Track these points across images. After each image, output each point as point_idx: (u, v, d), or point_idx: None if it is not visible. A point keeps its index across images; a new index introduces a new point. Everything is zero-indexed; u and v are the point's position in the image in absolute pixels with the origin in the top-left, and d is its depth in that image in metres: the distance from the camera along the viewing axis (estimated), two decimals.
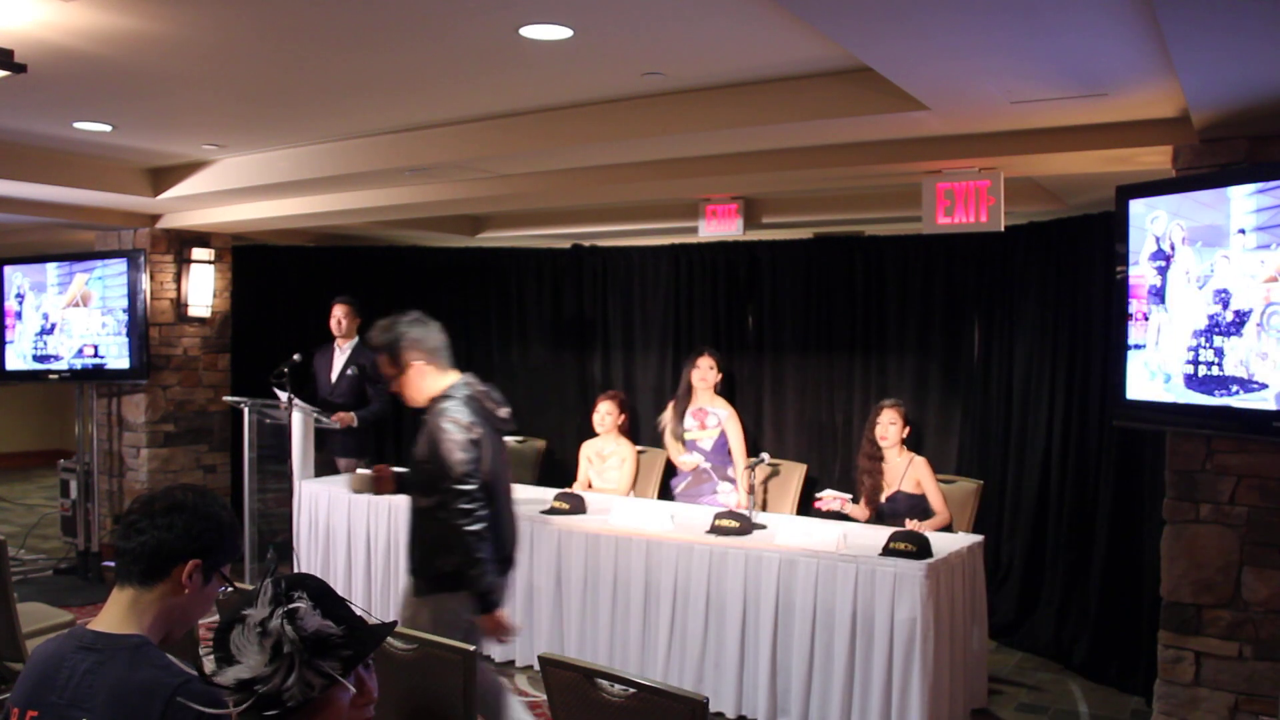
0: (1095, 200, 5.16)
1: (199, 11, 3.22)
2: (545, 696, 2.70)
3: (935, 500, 5.04)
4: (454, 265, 7.91)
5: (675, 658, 4.54)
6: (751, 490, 5.18)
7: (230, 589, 2.02)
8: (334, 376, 6.43)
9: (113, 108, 4.57)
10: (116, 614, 1.87)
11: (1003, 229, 4.56)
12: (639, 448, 6.21)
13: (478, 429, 3.41)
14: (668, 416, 5.88)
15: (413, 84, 4.11)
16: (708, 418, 5.42)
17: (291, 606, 1.67)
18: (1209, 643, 3.77)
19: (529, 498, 5.42)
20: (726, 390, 6.84)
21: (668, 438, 5.87)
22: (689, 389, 5.79)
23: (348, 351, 6.43)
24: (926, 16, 2.74)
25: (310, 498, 5.89)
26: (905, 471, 5.11)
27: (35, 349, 7.09)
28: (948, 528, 4.91)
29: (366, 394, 6.36)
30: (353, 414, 6.19)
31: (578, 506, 5.11)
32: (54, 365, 7.03)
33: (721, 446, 5.68)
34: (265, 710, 1.62)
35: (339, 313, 6.42)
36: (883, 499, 5.10)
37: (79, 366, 6.96)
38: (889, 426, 5.14)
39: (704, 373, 5.75)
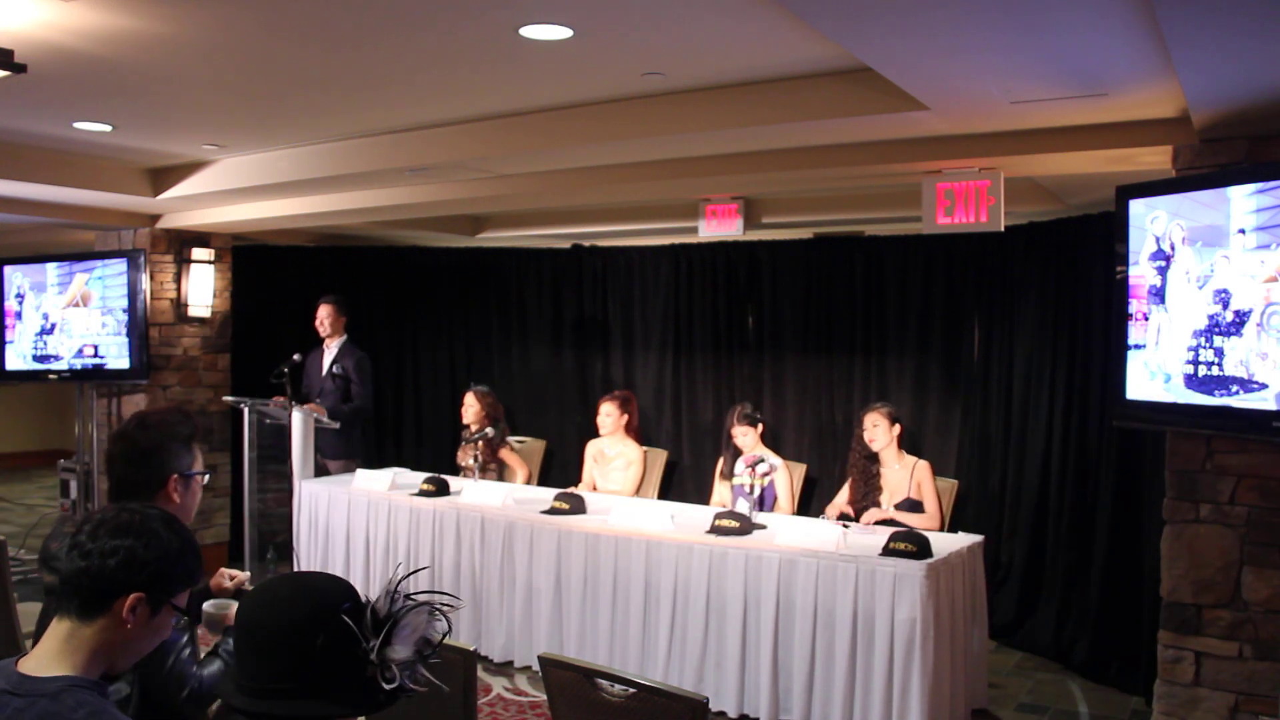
0: (1095, 200, 5.16)
1: (199, 11, 3.22)
2: (545, 696, 2.70)
3: (928, 501, 5.02)
4: (454, 265, 7.91)
5: (676, 657, 4.54)
6: (752, 490, 5.17)
7: (183, 620, 1.89)
8: (321, 375, 6.43)
9: (113, 108, 4.56)
10: (50, 649, 1.74)
11: (1003, 229, 4.56)
12: (643, 448, 6.20)
13: None
14: (719, 468, 5.75)
15: (413, 84, 4.11)
16: (759, 464, 5.27)
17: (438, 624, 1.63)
18: (1209, 643, 3.77)
19: (529, 497, 5.43)
20: (728, 388, 6.85)
21: (716, 485, 5.72)
22: (734, 445, 5.58)
23: (334, 350, 6.44)
24: (926, 16, 2.74)
25: (310, 498, 5.90)
26: (911, 478, 5.06)
27: (35, 349, 7.09)
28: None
29: (351, 392, 6.36)
30: (321, 407, 6.13)
31: (577, 506, 5.10)
32: (54, 365, 7.03)
33: (770, 497, 5.39)
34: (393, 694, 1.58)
35: (323, 313, 6.41)
36: (892, 507, 5.04)
37: (79, 366, 6.96)
38: (874, 429, 5.09)
39: (737, 431, 5.55)
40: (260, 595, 1.61)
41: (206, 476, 2.56)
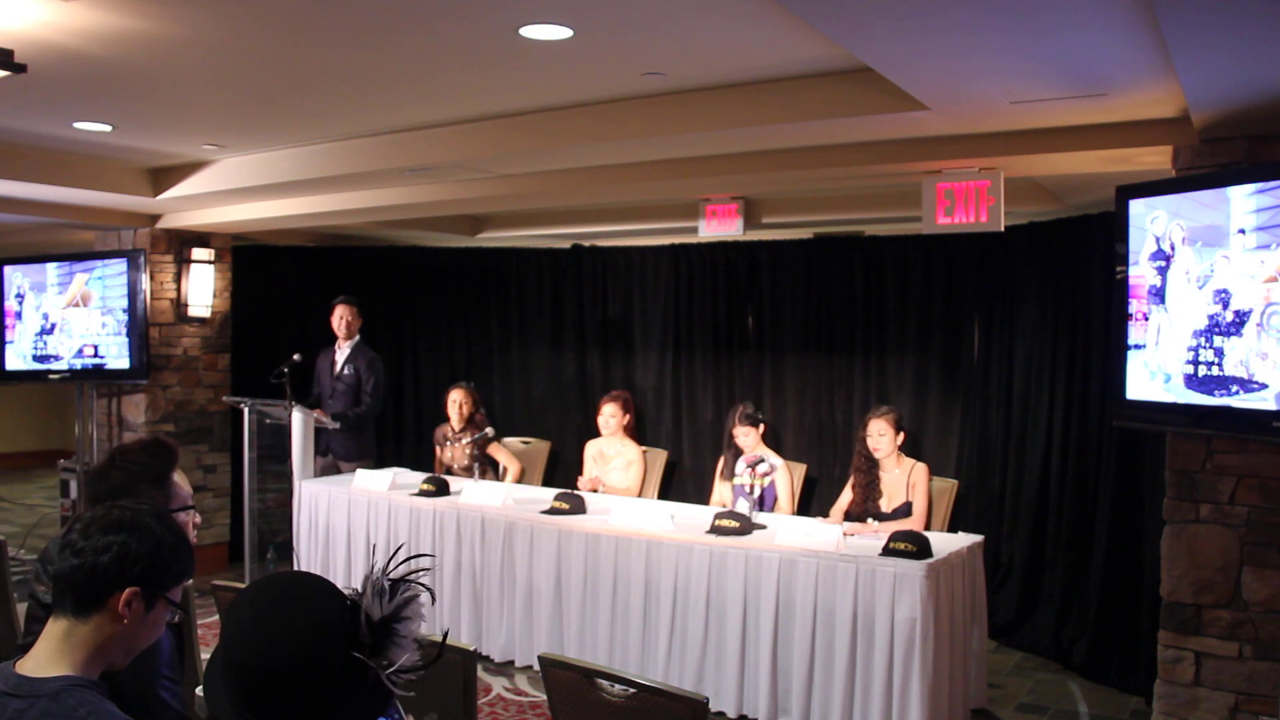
0: (1095, 200, 5.16)
1: (199, 11, 3.22)
2: (545, 696, 2.70)
3: (917, 502, 5.01)
4: (454, 265, 7.91)
5: (675, 658, 4.54)
6: (752, 490, 5.17)
7: (178, 615, 1.89)
8: (335, 375, 6.43)
9: (113, 108, 4.56)
10: (48, 649, 1.73)
11: (1003, 229, 4.56)
12: (641, 448, 6.20)
13: None
14: (719, 468, 5.72)
15: (413, 84, 4.11)
16: (759, 464, 5.24)
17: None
18: (1209, 643, 3.77)
19: (529, 497, 5.43)
20: (728, 388, 6.85)
21: (716, 485, 5.70)
22: (735, 445, 5.54)
23: (347, 351, 6.44)
24: (926, 16, 2.74)
25: (310, 498, 5.90)
26: (908, 481, 5.04)
27: (35, 349, 7.09)
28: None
29: (362, 393, 6.36)
30: (327, 415, 6.11)
31: (577, 506, 5.10)
32: (54, 365, 7.04)
33: (770, 497, 5.39)
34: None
35: (344, 312, 6.41)
36: (890, 510, 5.03)
37: (79, 366, 6.96)
38: (880, 438, 5.04)
39: (739, 431, 5.52)
40: (255, 634, 1.49)
41: (193, 510, 2.49)
